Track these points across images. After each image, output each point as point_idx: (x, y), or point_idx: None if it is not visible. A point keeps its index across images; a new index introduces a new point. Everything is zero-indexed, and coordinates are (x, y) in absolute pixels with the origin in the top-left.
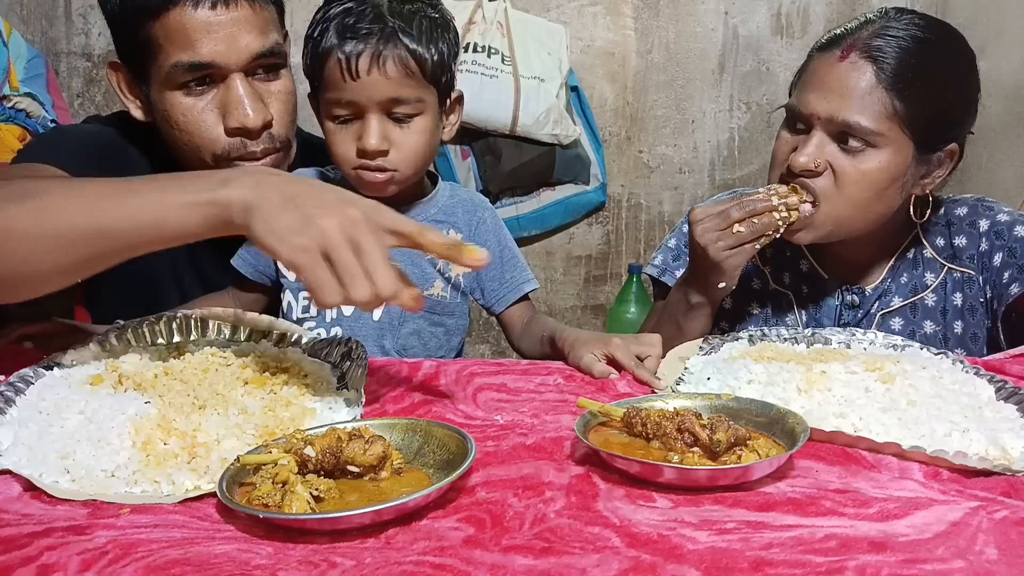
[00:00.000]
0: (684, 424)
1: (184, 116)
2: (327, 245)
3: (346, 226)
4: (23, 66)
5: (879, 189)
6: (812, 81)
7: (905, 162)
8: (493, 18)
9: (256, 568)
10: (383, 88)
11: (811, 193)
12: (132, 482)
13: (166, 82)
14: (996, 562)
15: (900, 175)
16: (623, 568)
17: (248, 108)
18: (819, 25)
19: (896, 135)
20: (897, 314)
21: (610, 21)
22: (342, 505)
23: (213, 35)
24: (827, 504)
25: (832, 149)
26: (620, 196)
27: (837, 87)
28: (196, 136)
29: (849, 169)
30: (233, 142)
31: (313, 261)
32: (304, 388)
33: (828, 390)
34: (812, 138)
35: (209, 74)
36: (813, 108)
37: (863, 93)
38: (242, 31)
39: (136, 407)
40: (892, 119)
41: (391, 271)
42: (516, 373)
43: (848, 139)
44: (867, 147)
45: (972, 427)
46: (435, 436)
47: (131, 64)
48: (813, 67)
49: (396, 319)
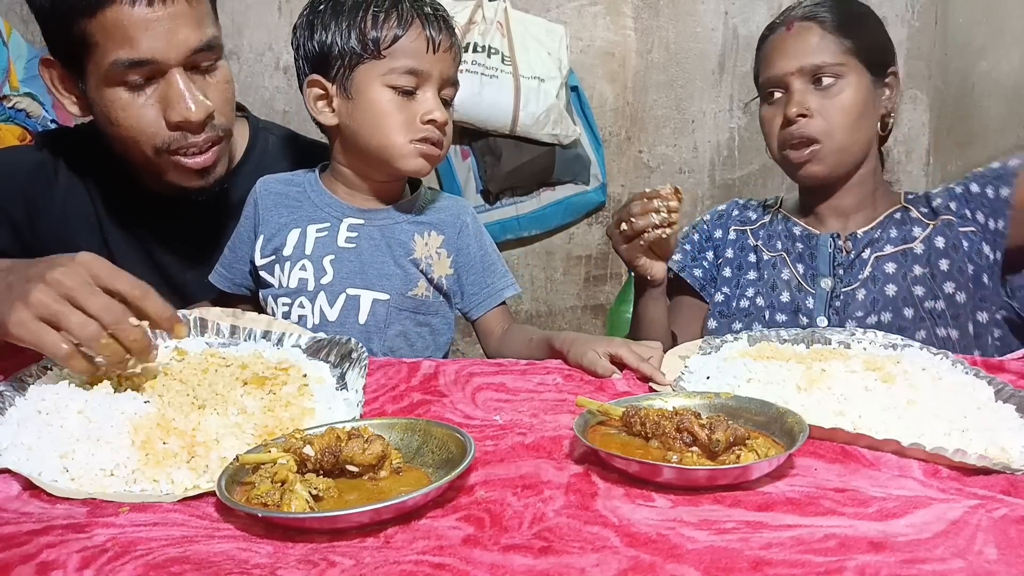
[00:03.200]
0: (683, 423)
1: (124, 112)
2: (38, 309)
3: (52, 286)
4: (23, 66)
5: (858, 112)
6: (774, 54)
7: (867, 86)
8: (493, 18)
9: (255, 567)
10: (450, 66)
11: (809, 138)
12: (131, 481)
13: (105, 79)
14: (996, 562)
15: (868, 97)
16: (622, 567)
17: (190, 102)
18: None
19: (854, 65)
20: (890, 259)
21: (610, 21)
22: (341, 504)
23: (151, 31)
24: (826, 503)
25: (811, 96)
26: (620, 196)
27: (796, 47)
28: (136, 131)
29: (829, 104)
30: (175, 136)
31: (36, 329)
32: (303, 388)
33: (828, 388)
34: (792, 93)
35: (149, 70)
36: (784, 69)
37: (817, 42)
38: (179, 26)
39: (135, 406)
40: (846, 53)
41: (106, 300)
42: (515, 373)
43: (821, 79)
44: (836, 80)
45: (971, 426)
46: (434, 435)
47: (65, 60)
48: (769, 47)
49: (382, 321)
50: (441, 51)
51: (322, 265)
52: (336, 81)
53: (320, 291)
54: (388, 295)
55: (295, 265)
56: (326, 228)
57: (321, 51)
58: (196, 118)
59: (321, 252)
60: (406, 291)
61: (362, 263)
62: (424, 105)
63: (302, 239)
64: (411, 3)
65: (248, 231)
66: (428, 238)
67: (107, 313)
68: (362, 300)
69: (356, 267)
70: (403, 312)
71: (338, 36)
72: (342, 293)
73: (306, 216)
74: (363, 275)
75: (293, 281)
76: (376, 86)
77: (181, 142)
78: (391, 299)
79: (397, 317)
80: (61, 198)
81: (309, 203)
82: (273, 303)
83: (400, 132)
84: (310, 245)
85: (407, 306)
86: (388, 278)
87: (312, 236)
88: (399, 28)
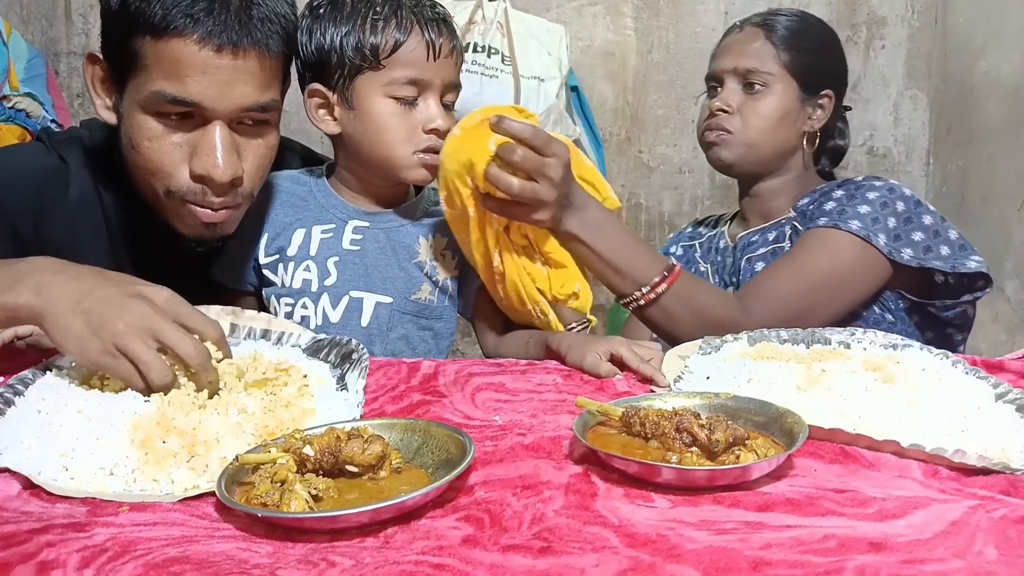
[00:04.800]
0: (682, 424)
1: (149, 142)
2: (120, 345)
3: (134, 321)
4: (23, 66)
5: (776, 119)
6: (720, 51)
7: (792, 99)
8: (493, 18)
9: (255, 567)
10: (452, 71)
11: (724, 130)
12: (131, 480)
13: (143, 104)
14: (995, 562)
15: (790, 109)
16: (622, 568)
17: (220, 160)
18: None
19: (784, 77)
20: (760, 259)
21: (610, 21)
22: (341, 504)
23: (208, 77)
24: (826, 504)
25: (739, 95)
26: (620, 196)
27: (738, 47)
28: (156, 166)
29: (751, 105)
30: (194, 187)
31: (114, 361)
32: (304, 388)
33: (828, 389)
34: (725, 89)
35: (190, 112)
36: (723, 66)
37: (758, 48)
38: (240, 82)
39: (135, 406)
40: (779, 63)
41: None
42: (515, 373)
43: (750, 83)
44: (763, 87)
45: (971, 426)
46: (434, 436)
47: (113, 65)
48: (720, 45)
49: (384, 324)
50: (443, 56)
51: (326, 267)
52: (336, 90)
53: (323, 292)
54: (391, 298)
55: (299, 265)
56: (331, 230)
57: (320, 59)
58: (221, 178)
59: (326, 254)
60: (409, 295)
61: (366, 266)
62: (426, 113)
63: (307, 240)
64: (410, 8)
65: (253, 227)
66: (433, 240)
67: (195, 356)
68: (365, 303)
69: (360, 270)
70: (406, 315)
71: (336, 45)
72: (345, 295)
73: (312, 217)
74: (367, 278)
75: (297, 281)
76: (377, 97)
77: (198, 195)
78: (394, 302)
79: (400, 320)
80: (72, 208)
81: (315, 203)
82: (276, 303)
83: (402, 144)
84: (315, 246)
85: (410, 309)
86: (392, 281)
87: (317, 237)
88: (399, 34)
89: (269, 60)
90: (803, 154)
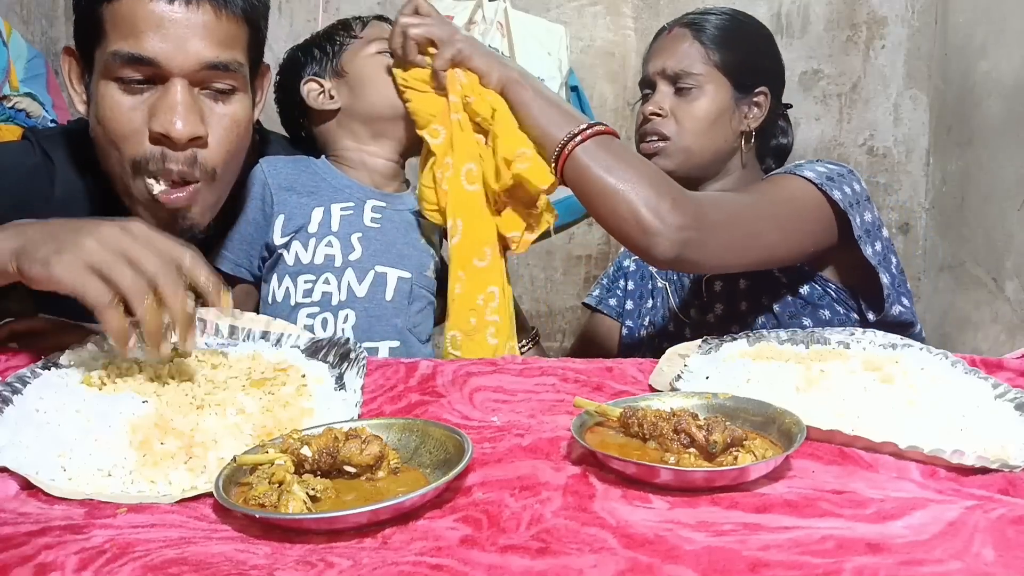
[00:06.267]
0: (680, 425)
1: (111, 111)
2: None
3: (107, 238)
4: (23, 66)
5: (710, 120)
6: (650, 54)
7: (726, 99)
8: (493, 18)
9: (253, 568)
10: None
11: (660, 135)
12: (129, 482)
13: (103, 71)
14: (993, 563)
15: (724, 109)
16: (620, 569)
17: (177, 117)
18: (819, 25)
19: (715, 77)
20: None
21: (610, 21)
22: (339, 505)
23: (162, 31)
24: (824, 505)
25: (671, 99)
26: None
27: (667, 50)
28: (118, 136)
29: (684, 108)
30: (154, 151)
31: (82, 274)
32: (302, 388)
33: (827, 389)
34: (657, 93)
35: (149, 73)
36: (653, 69)
37: (686, 48)
38: (196, 35)
39: (133, 406)
40: (709, 63)
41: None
42: (512, 373)
43: (680, 85)
44: (695, 88)
45: (970, 426)
46: (432, 436)
47: (81, 50)
48: (650, 49)
49: (405, 298)
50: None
51: (350, 242)
52: (327, 71)
53: (348, 267)
54: (410, 273)
55: (320, 241)
56: (350, 207)
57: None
58: (179, 135)
59: (348, 230)
60: (424, 271)
61: (387, 242)
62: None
63: (327, 217)
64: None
65: (258, 212)
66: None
67: (163, 273)
68: (389, 277)
69: (381, 246)
70: (422, 290)
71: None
72: (371, 270)
73: (327, 196)
74: (388, 253)
75: (319, 257)
76: (364, 60)
77: (159, 162)
78: (413, 277)
79: (419, 295)
80: (58, 205)
81: (327, 185)
82: (291, 282)
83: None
84: (336, 223)
85: (425, 284)
86: (407, 258)
87: (337, 214)
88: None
89: (226, 15)
90: (742, 154)
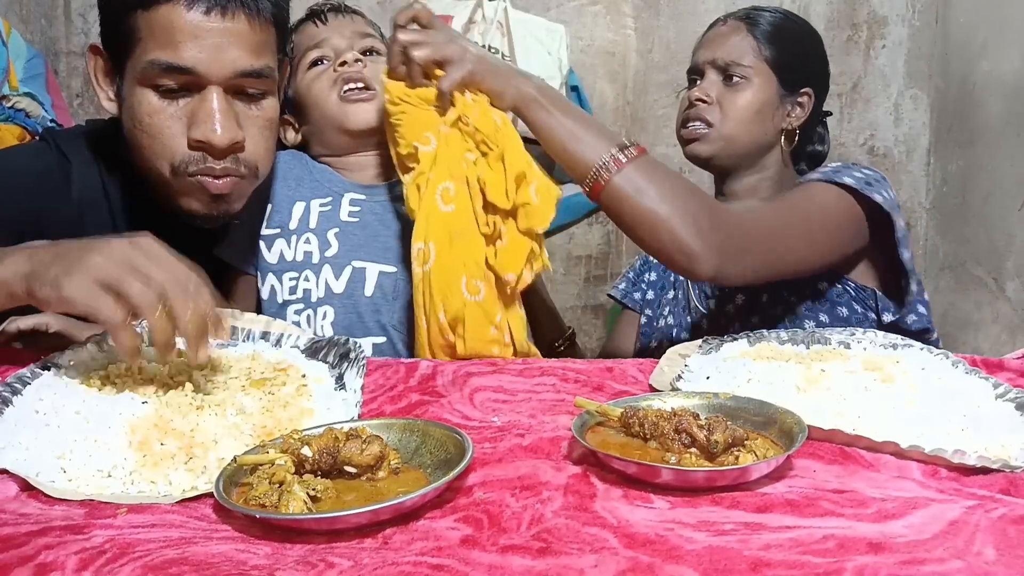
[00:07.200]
0: (681, 424)
1: (150, 118)
2: (97, 273)
3: (114, 255)
4: (23, 66)
5: (754, 111)
6: (702, 43)
7: (771, 94)
8: (493, 18)
9: (253, 568)
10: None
11: (704, 121)
12: (129, 482)
13: (139, 78)
14: (994, 563)
15: (769, 103)
16: (620, 568)
17: (217, 124)
18: (819, 24)
19: (764, 71)
20: None
21: (610, 21)
22: (339, 505)
23: (199, 41)
24: (825, 505)
25: (719, 87)
26: None
27: (720, 40)
28: (157, 142)
29: (730, 97)
30: (194, 155)
31: (93, 292)
32: (302, 388)
33: (827, 389)
34: (705, 80)
35: (186, 81)
36: (703, 58)
37: (739, 41)
38: (231, 44)
39: (133, 407)
40: (759, 57)
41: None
42: (512, 373)
43: (730, 76)
44: (743, 79)
45: (971, 426)
46: (432, 436)
47: (112, 52)
48: (702, 38)
49: (389, 294)
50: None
51: (327, 238)
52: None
53: (325, 263)
54: (395, 267)
55: (300, 238)
56: (329, 202)
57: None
58: (219, 142)
59: (325, 225)
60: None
61: (367, 236)
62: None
63: (306, 213)
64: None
65: (258, 204)
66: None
67: (172, 285)
68: (368, 272)
69: (360, 240)
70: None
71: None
72: (348, 265)
73: (309, 190)
74: (368, 248)
75: (299, 254)
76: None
77: (200, 163)
78: (399, 271)
79: (405, 290)
80: (76, 205)
81: (310, 178)
82: (276, 279)
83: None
84: (314, 219)
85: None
86: (392, 251)
87: (316, 210)
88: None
89: (259, 23)
90: (781, 152)
